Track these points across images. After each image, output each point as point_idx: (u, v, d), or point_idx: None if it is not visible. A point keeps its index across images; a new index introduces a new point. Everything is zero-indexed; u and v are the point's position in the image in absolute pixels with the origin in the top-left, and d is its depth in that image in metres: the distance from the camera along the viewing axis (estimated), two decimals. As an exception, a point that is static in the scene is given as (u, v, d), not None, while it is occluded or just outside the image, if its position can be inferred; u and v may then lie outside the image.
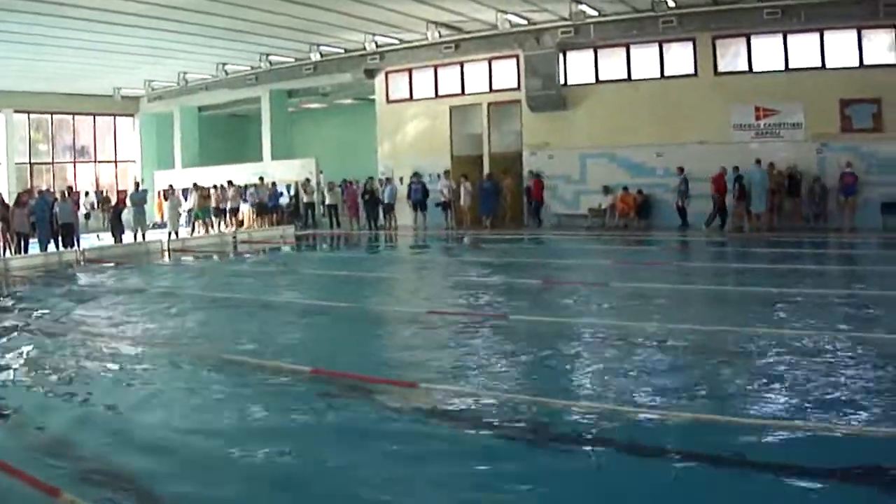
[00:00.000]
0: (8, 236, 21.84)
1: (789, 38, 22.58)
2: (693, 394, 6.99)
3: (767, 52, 22.97)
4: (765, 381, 7.20)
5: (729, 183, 22.49)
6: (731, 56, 23.62)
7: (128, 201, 26.01)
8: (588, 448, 5.83)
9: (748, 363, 7.94)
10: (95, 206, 33.39)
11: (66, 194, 23.47)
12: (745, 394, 6.91)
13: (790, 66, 22.64)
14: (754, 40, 23.14)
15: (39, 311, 12.83)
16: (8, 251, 21.62)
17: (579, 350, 9.01)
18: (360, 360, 8.78)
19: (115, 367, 8.74)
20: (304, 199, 30.23)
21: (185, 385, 7.94)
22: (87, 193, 34.33)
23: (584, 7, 22.91)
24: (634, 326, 9.92)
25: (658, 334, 9.39)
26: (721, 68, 23.66)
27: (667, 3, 22.17)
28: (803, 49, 22.48)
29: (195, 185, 29.87)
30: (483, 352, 8.98)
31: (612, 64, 25.34)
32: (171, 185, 27.53)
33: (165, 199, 26.26)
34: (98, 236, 27.25)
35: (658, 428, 6.19)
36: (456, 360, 8.58)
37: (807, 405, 6.52)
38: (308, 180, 30.33)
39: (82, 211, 29.81)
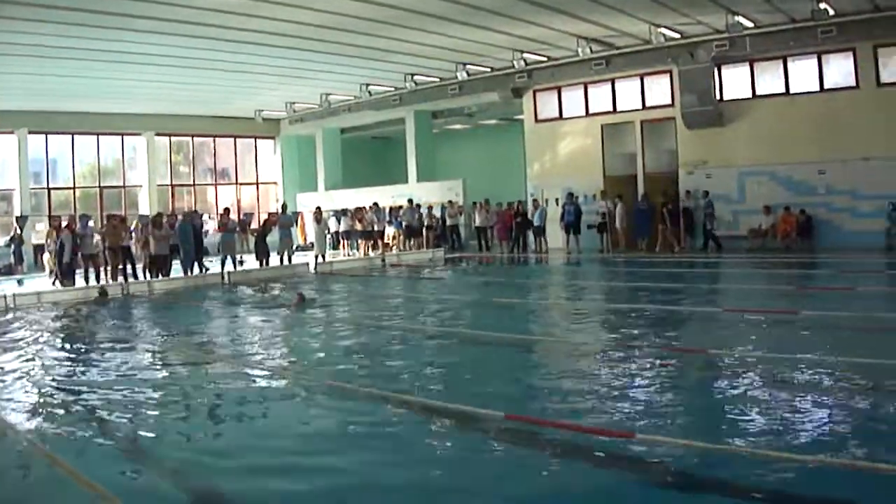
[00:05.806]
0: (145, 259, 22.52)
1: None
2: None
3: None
4: None
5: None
6: (895, 66, 22.62)
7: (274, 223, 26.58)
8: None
9: None
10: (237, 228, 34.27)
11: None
12: None
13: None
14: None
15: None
16: (147, 274, 22.24)
17: (805, 392, 7.80)
18: (552, 402, 7.99)
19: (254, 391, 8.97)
20: (449, 221, 30.25)
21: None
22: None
23: (740, 18, 22.35)
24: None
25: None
26: (884, 79, 22.59)
27: (827, 11, 21.39)
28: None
29: (345, 209, 30.91)
30: (688, 392, 8.21)
31: (770, 77, 24.68)
32: (318, 208, 27.93)
33: (317, 222, 26.64)
34: (241, 259, 27.79)
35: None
36: (665, 402, 7.74)
37: None
38: (451, 202, 30.59)
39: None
